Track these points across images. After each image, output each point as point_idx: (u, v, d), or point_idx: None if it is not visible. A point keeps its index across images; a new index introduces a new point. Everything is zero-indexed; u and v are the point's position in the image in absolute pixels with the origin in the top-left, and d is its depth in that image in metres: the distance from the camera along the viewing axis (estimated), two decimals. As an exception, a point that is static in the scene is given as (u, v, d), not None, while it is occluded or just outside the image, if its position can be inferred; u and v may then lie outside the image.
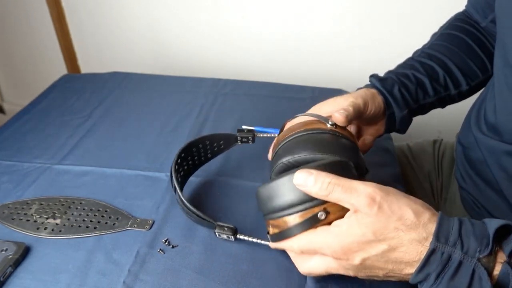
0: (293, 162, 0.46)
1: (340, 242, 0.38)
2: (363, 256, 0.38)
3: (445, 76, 0.63)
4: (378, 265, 0.39)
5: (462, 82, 0.64)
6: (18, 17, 1.53)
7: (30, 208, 0.59)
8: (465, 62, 0.65)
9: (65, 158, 0.69)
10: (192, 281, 0.48)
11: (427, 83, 0.62)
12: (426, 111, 0.65)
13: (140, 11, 1.37)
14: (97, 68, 1.17)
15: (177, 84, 0.92)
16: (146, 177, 0.65)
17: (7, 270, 0.49)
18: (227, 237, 0.52)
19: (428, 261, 0.36)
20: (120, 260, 0.51)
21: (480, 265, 0.34)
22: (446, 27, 0.70)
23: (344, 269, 0.41)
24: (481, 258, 0.34)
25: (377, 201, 0.37)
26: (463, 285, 0.34)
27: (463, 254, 0.35)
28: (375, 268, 0.39)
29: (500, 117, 0.55)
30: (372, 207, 0.37)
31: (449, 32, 0.68)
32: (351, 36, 1.20)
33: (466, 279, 0.34)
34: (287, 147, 0.48)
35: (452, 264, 0.35)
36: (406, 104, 0.60)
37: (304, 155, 0.46)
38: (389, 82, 0.60)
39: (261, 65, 1.34)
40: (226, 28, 1.31)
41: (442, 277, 0.35)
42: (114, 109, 0.83)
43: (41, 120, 0.80)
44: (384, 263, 0.38)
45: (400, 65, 0.65)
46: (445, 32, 0.69)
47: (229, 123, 0.78)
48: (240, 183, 0.63)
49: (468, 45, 0.66)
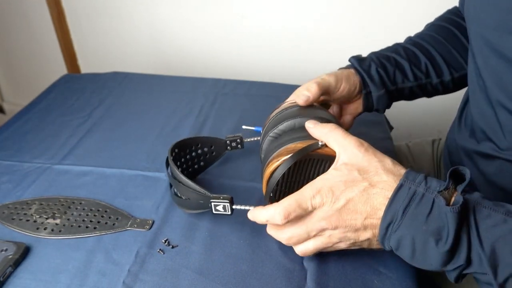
0: (278, 131, 0.53)
1: (328, 183, 0.43)
2: (348, 195, 0.42)
3: (426, 64, 0.65)
4: (359, 207, 0.42)
5: (444, 71, 0.65)
6: (18, 17, 1.53)
7: (30, 208, 0.59)
8: (449, 52, 0.65)
9: (65, 158, 0.69)
10: (192, 281, 0.48)
11: (406, 67, 0.64)
12: (408, 97, 0.67)
13: (140, 11, 1.37)
14: (97, 68, 1.17)
15: (177, 84, 0.92)
16: (146, 177, 0.65)
17: (7, 270, 0.49)
18: (223, 209, 0.51)
19: (397, 195, 0.40)
20: (120, 260, 0.51)
21: (439, 195, 0.39)
22: (437, 18, 0.71)
23: (330, 231, 0.44)
24: (441, 191, 0.39)
25: (365, 145, 0.45)
26: (424, 213, 0.39)
27: (426, 188, 0.40)
28: (356, 212, 0.42)
29: (475, 119, 0.56)
30: (360, 148, 0.44)
31: (439, 24, 0.69)
32: (351, 36, 1.20)
33: (427, 207, 0.39)
34: (270, 124, 0.55)
35: (416, 197, 0.40)
36: (382, 83, 0.62)
37: (286, 121, 0.52)
38: (367, 62, 0.63)
39: (261, 65, 1.34)
40: (226, 28, 1.31)
41: (407, 211, 0.40)
42: (114, 109, 0.83)
43: (41, 120, 0.80)
44: (364, 203, 0.42)
45: (384, 48, 0.67)
46: (435, 23, 0.70)
47: (229, 123, 0.78)
48: (240, 183, 0.63)
49: (455, 36, 0.67)
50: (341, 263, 0.50)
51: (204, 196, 0.52)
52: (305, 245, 0.46)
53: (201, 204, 0.52)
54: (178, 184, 0.55)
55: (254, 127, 0.75)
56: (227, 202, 0.51)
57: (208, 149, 0.65)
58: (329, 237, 0.44)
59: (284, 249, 0.52)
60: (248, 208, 0.49)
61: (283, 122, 0.53)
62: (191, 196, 0.54)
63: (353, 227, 0.43)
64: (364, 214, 0.42)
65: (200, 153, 0.64)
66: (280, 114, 0.55)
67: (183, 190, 0.54)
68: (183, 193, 0.55)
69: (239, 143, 0.67)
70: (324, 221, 0.43)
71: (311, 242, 0.46)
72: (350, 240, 0.44)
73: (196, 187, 0.52)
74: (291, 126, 0.52)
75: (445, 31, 0.67)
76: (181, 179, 0.54)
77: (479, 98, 0.54)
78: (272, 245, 0.52)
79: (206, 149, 0.65)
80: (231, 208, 0.51)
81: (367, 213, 0.42)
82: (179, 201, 0.56)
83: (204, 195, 0.52)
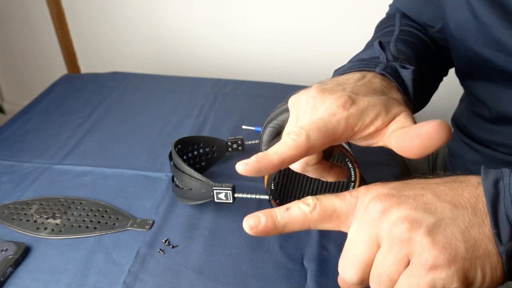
0: (278, 122, 0.53)
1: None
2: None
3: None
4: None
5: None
6: (18, 17, 1.53)
7: (30, 208, 0.59)
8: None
9: (65, 158, 0.69)
10: (192, 281, 0.48)
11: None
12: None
13: (140, 11, 1.37)
14: (97, 68, 1.17)
15: (177, 84, 0.92)
16: (146, 177, 0.65)
17: (7, 270, 0.49)
18: (225, 197, 0.52)
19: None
20: (120, 260, 0.51)
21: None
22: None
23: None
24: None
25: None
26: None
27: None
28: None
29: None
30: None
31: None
32: (351, 36, 1.20)
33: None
34: (270, 116, 0.54)
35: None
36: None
37: (287, 112, 0.51)
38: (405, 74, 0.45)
39: (261, 65, 1.34)
40: (226, 28, 1.31)
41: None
42: (114, 109, 0.83)
43: (41, 120, 0.80)
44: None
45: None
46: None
47: (229, 123, 0.78)
48: (240, 183, 0.63)
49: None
50: (341, 263, 0.50)
51: (207, 184, 0.52)
52: None
53: (203, 193, 0.53)
54: (181, 174, 0.55)
55: (254, 127, 0.75)
56: (229, 190, 0.51)
57: (210, 149, 0.65)
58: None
59: (284, 249, 0.52)
60: (250, 196, 0.49)
61: (283, 112, 0.53)
62: (193, 186, 0.54)
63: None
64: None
65: (201, 152, 0.64)
66: (282, 105, 0.55)
67: (185, 180, 0.55)
68: (185, 184, 0.55)
69: (240, 145, 0.67)
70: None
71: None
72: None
73: (199, 175, 0.53)
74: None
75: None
76: (184, 169, 0.55)
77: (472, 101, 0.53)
78: (272, 245, 0.52)
79: (207, 149, 0.65)
80: (233, 196, 0.51)
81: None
82: (181, 193, 0.56)
83: (206, 183, 0.52)
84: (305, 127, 0.34)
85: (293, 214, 0.34)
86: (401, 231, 0.30)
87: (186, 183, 0.55)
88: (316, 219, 0.34)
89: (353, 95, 0.36)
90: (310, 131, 0.33)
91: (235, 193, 0.52)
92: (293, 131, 0.33)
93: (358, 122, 0.35)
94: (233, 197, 0.52)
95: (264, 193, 0.51)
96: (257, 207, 0.58)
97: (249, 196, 0.51)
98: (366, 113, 0.35)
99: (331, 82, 0.40)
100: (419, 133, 0.32)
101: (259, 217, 0.35)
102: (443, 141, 0.31)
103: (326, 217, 0.34)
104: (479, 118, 0.60)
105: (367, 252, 0.32)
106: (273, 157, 0.33)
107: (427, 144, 0.31)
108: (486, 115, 0.58)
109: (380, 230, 0.31)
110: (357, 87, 0.38)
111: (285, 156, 0.33)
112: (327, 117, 0.34)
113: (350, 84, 0.39)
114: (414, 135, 0.32)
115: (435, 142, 0.31)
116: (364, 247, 0.32)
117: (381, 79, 0.41)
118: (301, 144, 0.33)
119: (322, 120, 0.34)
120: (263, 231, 0.35)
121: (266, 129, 0.55)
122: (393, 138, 0.34)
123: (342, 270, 0.33)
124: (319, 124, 0.34)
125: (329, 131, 0.34)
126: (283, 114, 0.54)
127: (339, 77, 0.42)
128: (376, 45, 0.47)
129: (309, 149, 0.33)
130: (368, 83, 0.40)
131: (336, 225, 0.35)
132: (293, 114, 0.40)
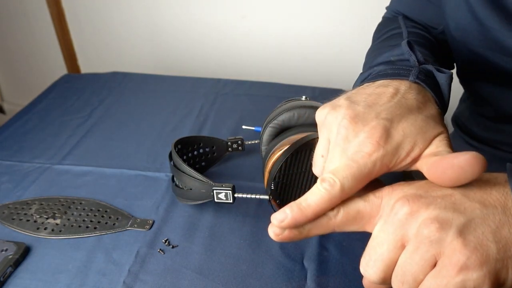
0: (278, 121, 0.55)
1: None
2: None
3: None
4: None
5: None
6: (18, 17, 1.53)
7: (30, 208, 0.59)
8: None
9: (65, 158, 0.69)
10: (192, 281, 0.48)
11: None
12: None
13: (140, 11, 1.37)
14: (97, 68, 1.17)
15: (177, 84, 0.92)
16: (146, 177, 0.65)
17: (7, 270, 0.49)
18: (225, 197, 0.52)
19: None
20: (120, 260, 0.51)
21: None
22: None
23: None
24: None
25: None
26: None
27: None
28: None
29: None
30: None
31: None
32: (352, 36, 1.20)
33: None
34: (270, 116, 0.56)
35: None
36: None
37: (286, 112, 0.54)
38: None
39: (261, 65, 1.34)
40: (226, 28, 1.31)
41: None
42: (114, 109, 0.83)
43: (41, 120, 0.80)
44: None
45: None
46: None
47: (229, 123, 0.78)
48: (240, 183, 0.63)
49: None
50: (341, 263, 0.49)
51: (207, 184, 0.52)
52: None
53: (203, 193, 0.53)
54: (181, 174, 0.55)
55: (254, 127, 0.75)
56: (229, 190, 0.51)
57: (210, 149, 0.65)
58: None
59: (284, 249, 0.52)
60: (250, 196, 0.49)
61: (283, 112, 0.54)
62: (193, 186, 0.54)
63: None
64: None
65: (201, 152, 0.64)
66: (282, 105, 0.57)
67: (185, 180, 0.55)
68: (185, 184, 0.55)
69: (240, 145, 0.67)
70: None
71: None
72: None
73: (199, 175, 0.53)
74: (291, 117, 0.54)
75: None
76: (184, 169, 0.55)
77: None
78: (272, 245, 0.52)
79: (207, 149, 0.65)
80: (233, 196, 0.51)
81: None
82: (181, 193, 0.56)
83: (206, 183, 0.52)
84: (338, 174, 0.33)
85: (317, 219, 0.34)
86: (431, 230, 0.29)
87: (186, 183, 0.55)
88: (340, 221, 0.34)
89: (388, 123, 0.35)
90: (344, 180, 0.33)
91: (235, 193, 0.52)
92: (326, 179, 0.33)
93: (393, 159, 0.34)
94: (233, 197, 0.52)
95: (264, 193, 0.51)
96: (257, 207, 0.58)
97: (249, 196, 0.51)
98: (401, 146, 0.34)
99: (362, 101, 0.38)
100: (451, 165, 0.31)
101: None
102: (476, 175, 0.31)
103: (350, 218, 0.34)
104: (482, 117, 0.60)
105: (391, 251, 0.31)
106: (308, 212, 0.33)
107: (460, 177, 0.31)
108: (490, 114, 0.58)
109: (406, 230, 0.31)
110: (391, 109, 0.36)
111: (319, 210, 0.33)
112: (362, 159, 0.33)
113: (383, 106, 0.37)
114: (447, 166, 0.32)
115: (468, 175, 0.31)
116: (388, 247, 0.31)
117: (416, 93, 0.39)
118: (335, 196, 0.33)
119: (357, 165, 0.33)
120: (288, 237, 0.35)
121: (266, 129, 0.55)
122: (426, 165, 0.34)
123: (364, 268, 0.33)
124: (353, 170, 0.33)
125: (364, 176, 0.33)
126: (283, 114, 0.54)
127: (369, 89, 0.40)
128: (404, 45, 0.45)
129: (343, 198, 0.33)
130: (403, 100, 0.38)
131: (361, 226, 0.35)
132: (324, 136, 0.38)
